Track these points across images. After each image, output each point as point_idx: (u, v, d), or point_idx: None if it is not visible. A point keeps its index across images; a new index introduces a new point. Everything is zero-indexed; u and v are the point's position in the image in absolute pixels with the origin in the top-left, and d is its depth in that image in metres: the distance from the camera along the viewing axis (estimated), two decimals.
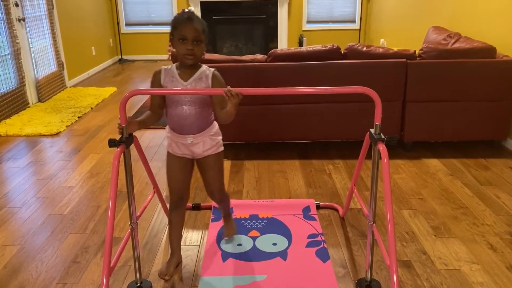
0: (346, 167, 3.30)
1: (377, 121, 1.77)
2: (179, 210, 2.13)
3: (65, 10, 5.93)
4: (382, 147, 1.73)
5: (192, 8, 5.92)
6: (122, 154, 1.78)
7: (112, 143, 1.76)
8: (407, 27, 5.76)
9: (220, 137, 2.10)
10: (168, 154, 2.09)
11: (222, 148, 2.11)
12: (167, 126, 2.03)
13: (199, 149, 2.03)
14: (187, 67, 1.92)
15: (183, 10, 1.91)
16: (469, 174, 3.14)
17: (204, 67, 1.96)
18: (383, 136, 1.76)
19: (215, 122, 2.08)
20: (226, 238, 2.39)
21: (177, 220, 2.14)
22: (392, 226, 1.66)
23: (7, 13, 4.54)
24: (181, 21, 1.85)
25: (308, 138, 3.59)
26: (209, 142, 2.03)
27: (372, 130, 1.83)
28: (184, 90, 1.90)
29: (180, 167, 2.07)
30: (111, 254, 1.67)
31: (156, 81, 1.96)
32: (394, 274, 1.60)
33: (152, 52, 7.81)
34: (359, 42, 7.65)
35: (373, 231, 1.91)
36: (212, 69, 1.97)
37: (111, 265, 1.69)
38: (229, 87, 1.75)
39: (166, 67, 1.98)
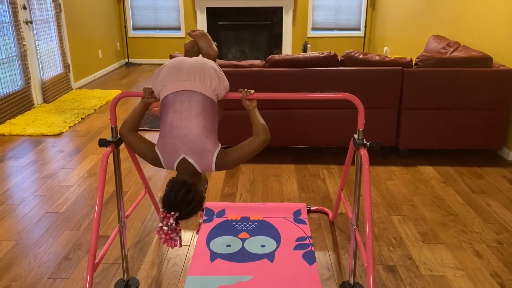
0: (340, 172, 3.33)
1: (360, 126, 1.81)
2: None
3: (72, 14, 6.04)
4: (363, 152, 1.76)
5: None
6: (112, 153, 1.84)
7: (102, 142, 1.82)
8: (410, 35, 5.79)
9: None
10: None
11: None
12: None
13: None
14: None
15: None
16: (462, 182, 3.15)
17: None
18: (365, 142, 1.80)
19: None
20: None
21: None
22: (370, 229, 1.69)
23: (15, 15, 4.65)
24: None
25: (304, 143, 3.62)
26: None
27: (355, 136, 1.87)
28: None
29: None
30: (96, 251, 1.72)
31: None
32: (371, 276, 1.64)
33: (158, 56, 7.91)
34: (363, 49, 7.68)
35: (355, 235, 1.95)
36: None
37: (96, 261, 1.74)
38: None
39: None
